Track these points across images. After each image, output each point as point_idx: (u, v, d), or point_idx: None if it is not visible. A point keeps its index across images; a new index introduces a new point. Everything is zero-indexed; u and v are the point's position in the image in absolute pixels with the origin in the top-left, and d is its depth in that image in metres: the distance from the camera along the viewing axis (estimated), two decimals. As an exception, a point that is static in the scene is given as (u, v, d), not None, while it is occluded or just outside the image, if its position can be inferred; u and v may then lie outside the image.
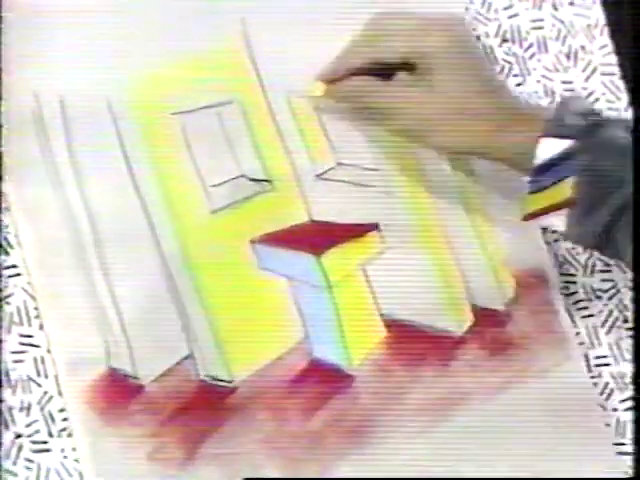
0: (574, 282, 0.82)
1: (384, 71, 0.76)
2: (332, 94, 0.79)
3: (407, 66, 0.75)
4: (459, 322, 0.80)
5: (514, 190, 0.76)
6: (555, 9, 0.85)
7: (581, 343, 0.81)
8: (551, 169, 0.71)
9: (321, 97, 0.79)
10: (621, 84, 0.84)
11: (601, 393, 0.81)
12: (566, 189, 0.71)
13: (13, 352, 0.74)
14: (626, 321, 0.82)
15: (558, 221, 0.72)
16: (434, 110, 0.74)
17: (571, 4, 0.85)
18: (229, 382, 0.76)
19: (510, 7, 0.84)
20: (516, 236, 0.79)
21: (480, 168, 0.81)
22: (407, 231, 0.80)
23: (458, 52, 0.74)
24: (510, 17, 0.84)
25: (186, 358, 0.75)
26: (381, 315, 0.78)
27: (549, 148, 0.71)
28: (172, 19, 0.79)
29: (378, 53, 0.76)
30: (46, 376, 0.74)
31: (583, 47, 0.85)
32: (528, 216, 0.74)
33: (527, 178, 0.72)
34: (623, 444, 0.80)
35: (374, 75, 0.76)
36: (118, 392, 0.74)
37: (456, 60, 0.74)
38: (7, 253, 0.75)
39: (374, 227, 0.79)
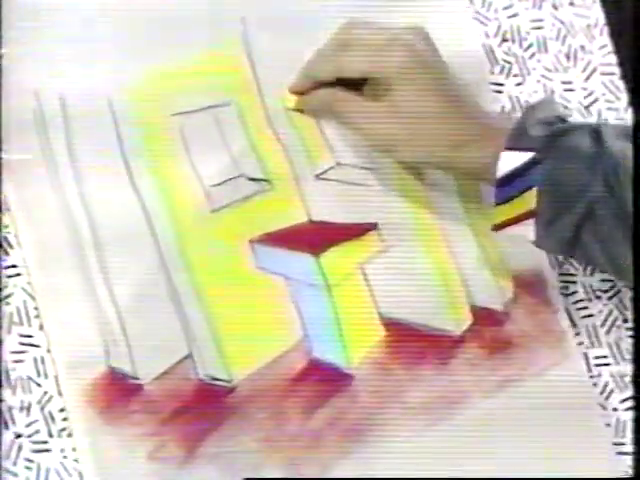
0: (574, 282, 0.82)
1: (348, 84, 0.77)
2: (302, 106, 0.80)
3: (370, 80, 0.76)
4: (458, 322, 0.79)
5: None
6: (555, 9, 0.85)
7: (581, 343, 0.81)
8: (514, 180, 0.72)
9: (293, 109, 0.80)
10: (621, 84, 0.84)
11: (601, 393, 0.81)
12: (530, 199, 0.72)
13: (13, 352, 0.74)
14: (626, 321, 0.82)
15: (527, 230, 0.73)
16: (395, 126, 0.75)
17: (571, 4, 0.85)
18: (228, 382, 0.76)
19: (510, 7, 0.85)
20: (514, 236, 0.79)
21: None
22: (406, 231, 0.80)
23: (418, 68, 0.74)
24: (510, 17, 0.84)
25: (185, 358, 0.75)
26: (380, 315, 0.78)
27: (511, 160, 0.72)
28: (172, 20, 0.79)
29: (340, 68, 0.76)
30: (46, 376, 0.74)
31: (583, 47, 0.85)
32: (496, 227, 0.75)
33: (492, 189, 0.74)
34: (623, 444, 0.80)
35: (340, 86, 0.77)
36: (118, 392, 0.74)
37: (416, 77, 0.74)
38: (7, 253, 0.75)
39: (373, 227, 0.79)
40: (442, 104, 0.74)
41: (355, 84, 0.77)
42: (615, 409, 0.81)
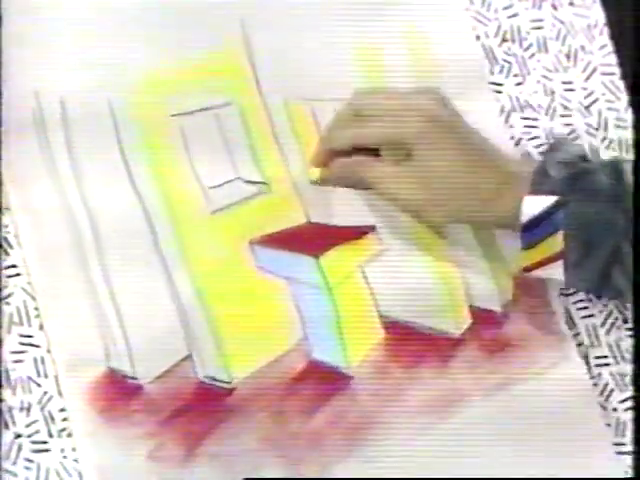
0: (574, 282, 0.82)
1: (368, 150, 0.76)
2: (327, 177, 0.79)
3: (388, 146, 0.75)
4: (457, 323, 0.79)
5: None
6: (555, 9, 0.85)
7: (581, 343, 0.81)
8: (540, 224, 0.73)
9: (317, 182, 0.79)
10: (621, 84, 0.84)
11: (601, 393, 0.81)
12: (558, 241, 0.73)
13: (13, 352, 0.75)
14: (626, 321, 0.82)
15: (556, 272, 0.74)
16: (421, 189, 0.75)
17: (571, 4, 0.85)
18: (228, 382, 0.76)
19: (510, 7, 0.84)
20: (514, 237, 0.79)
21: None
22: (405, 232, 0.79)
23: (438, 131, 0.74)
24: (510, 17, 0.84)
25: (185, 358, 0.76)
26: (380, 316, 0.78)
27: (534, 204, 0.73)
28: (172, 21, 0.79)
29: (358, 138, 0.76)
30: (46, 376, 0.74)
31: (583, 47, 0.85)
32: (525, 269, 0.75)
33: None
34: (623, 444, 0.80)
35: (360, 153, 0.77)
36: (118, 392, 0.74)
37: (435, 139, 0.74)
38: (7, 253, 0.75)
39: (372, 229, 0.80)
40: (465, 163, 0.74)
41: (372, 151, 0.76)
42: (615, 409, 0.81)
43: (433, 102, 0.76)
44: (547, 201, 0.73)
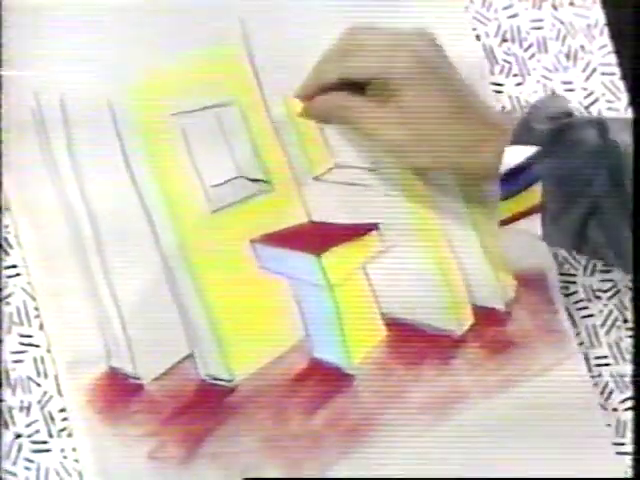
0: (574, 282, 0.82)
1: (354, 87, 0.76)
2: (308, 112, 0.79)
3: (375, 84, 0.75)
4: (459, 322, 0.79)
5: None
6: (555, 9, 0.85)
7: (581, 343, 0.81)
8: (519, 175, 0.72)
9: (299, 115, 0.80)
10: (621, 84, 0.84)
11: (601, 393, 0.81)
12: (536, 194, 0.72)
13: (13, 352, 0.74)
14: (626, 321, 0.82)
15: (533, 225, 0.73)
16: (404, 131, 0.74)
17: (571, 4, 0.85)
18: (229, 381, 0.76)
19: (510, 7, 0.85)
20: (516, 235, 0.79)
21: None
22: (407, 231, 0.79)
23: (424, 72, 0.74)
24: (510, 17, 0.84)
25: (186, 357, 0.75)
26: (381, 315, 0.78)
27: (515, 155, 0.72)
28: (172, 20, 0.79)
29: (347, 71, 0.76)
30: (46, 376, 0.74)
31: (583, 47, 0.85)
32: (502, 222, 0.75)
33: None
34: (623, 444, 0.80)
35: (346, 89, 0.77)
36: (118, 392, 0.74)
37: (422, 80, 0.74)
38: (7, 253, 0.75)
39: (374, 227, 0.80)
40: (450, 107, 0.74)
41: (358, 88, 0.76)
42: (615, 409, 0.81)
43: (424, 43, 0.76)
44: (528, 152, 0.72)
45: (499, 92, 0.83)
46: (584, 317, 0.82)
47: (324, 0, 0.81)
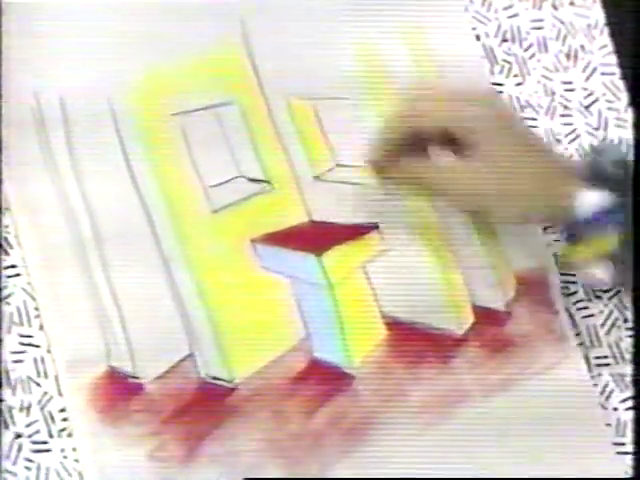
0: (574, 282, 0.82)
1: (422, 144, 0.74)
2: (381, 181, 0.76)
3: (444, 139, 0.73)
4: (460, 321, 0.80)
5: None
6: (555, 9, 0.85)
7: (581, 343, 0.81)
8: (593, 221, 0.71)
9: (371, 183, 0.77)
10: (621, 84, 0.85)
11: (601, 393, 0.81)
12: (609, 242, 0.71)
13: (13, 352, 0.74)
14: (626, 321, 0.82)
15: (602, 271, 0.73)
16: (486, 185, 0.72)
17: (571, 4, 0.85)
18: (229, 381, 0.76)
19: (510, 7, 0.85)
20: (516, 236, 0.79)
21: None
22: (407, 231, 0.80)
23: (500, 121, 0.72)
24: (510, 17, 0.84)
25: (187, 357, 0.75)
26: (382, 314, 0.78)
27: (590, 200, 0.71)
28: (172, 20, 0.79)
29: (420, 121, 0.73)
30: (46, 376, 0.74)
31: (583, 47, 0.85)
32: (566, 265, 0.75)
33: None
34: (623, 444, 0.80)
35: (410, 147, 0.74)
36: (118, 391, 0.74)
37: (500, 131, 0.72)
38: (7, 253, 0.75)
39: (374, 227, 0.80)
40: (530, 158, 0.72)
41: (421, 150, 0.74)
42: (615, 409, 0.81)
43: (489, 92, 0.76)
44: (603, 196, 0.71)
45: (499, 92, 0.83)
46: (584, 317, 0.82)
47: (324, 0, 0.81)
